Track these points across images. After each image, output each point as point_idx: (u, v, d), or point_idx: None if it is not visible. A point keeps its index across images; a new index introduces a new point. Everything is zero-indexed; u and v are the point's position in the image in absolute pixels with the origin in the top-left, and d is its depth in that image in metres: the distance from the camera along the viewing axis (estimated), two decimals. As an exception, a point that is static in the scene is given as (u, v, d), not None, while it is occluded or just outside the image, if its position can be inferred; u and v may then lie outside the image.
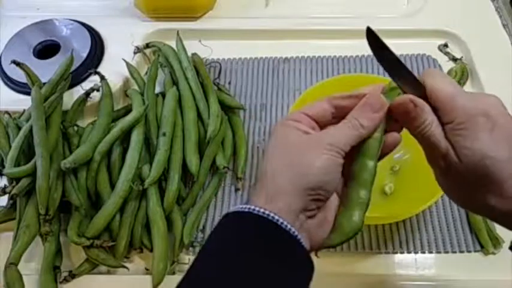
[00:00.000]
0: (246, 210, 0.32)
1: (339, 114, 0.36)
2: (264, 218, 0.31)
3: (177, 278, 0.52)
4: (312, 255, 0.34)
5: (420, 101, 0.34)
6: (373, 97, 0.35)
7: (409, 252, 0.54)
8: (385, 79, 0.64)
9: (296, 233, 0.32)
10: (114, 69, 0.69)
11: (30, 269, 0.53)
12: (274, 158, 0.34)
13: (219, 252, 0.32)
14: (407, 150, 0.59)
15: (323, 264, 0.54)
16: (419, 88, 0.35)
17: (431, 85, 0.34)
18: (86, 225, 0.53)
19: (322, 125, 0.36)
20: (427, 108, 0.34)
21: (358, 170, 0.35)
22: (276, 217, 0.31)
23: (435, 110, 0.34)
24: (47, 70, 0.64)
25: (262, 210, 0.31)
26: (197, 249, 0.55)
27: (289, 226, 0.31)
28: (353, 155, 0.35)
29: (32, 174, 0.53)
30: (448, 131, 0.33)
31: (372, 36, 0.35)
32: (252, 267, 0.31)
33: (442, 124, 0.34)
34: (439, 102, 0.33)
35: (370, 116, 0.34)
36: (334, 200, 0.36)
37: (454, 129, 0.33)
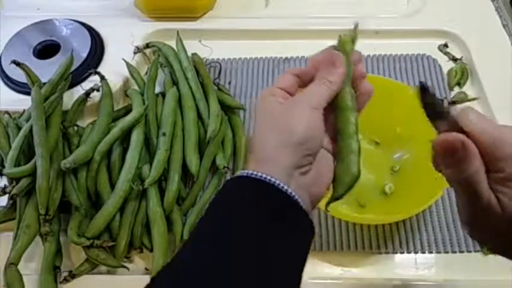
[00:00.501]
0: (236, 176, 0.33)
1: (304, 82, 0.38)
2: (257, 180, 0.32)
3: (177, 278, 0.53)
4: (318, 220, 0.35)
5: (471, 144, 0.31)
6: (332, 55, 0.37)
7: (409, 252, 0.54)
8: (385, 79, 0.64)
9: (290, 190, 0.32)
10: (114, 69, 0.69)
11: (30, 269, 0.53)
12: (260, 128, 0.35)
13: (215, 217, 0.32)
14: (407, 150, 0.59)
15: (323, 264, 0.54)
16: (460, 131, 0.32)
17: (473, 129, 0.31)
18: (86, 225, 0.53)
19: (292, 94, 0.38)
20: (477, 153, 0.31)
21: (341, 124, 0.37)
22: (269, 177, 0.32)
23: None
24: (47, 70, 0.64)
25: (255, 172, 0.32)
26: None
27: (281, 184, 0.32)
28: (335, 114, 0.38)
29: (32, 174, 0.53)
30: (493, 180, 0.31)
31: (423, 92, 0.35)
32: (246, 229, 0.31)
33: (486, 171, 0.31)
34: (484, 148, 0.31)
35: (334, 71, 0.36)
36: (325, 155, 0.37)
37: (502, 180, 0.30)
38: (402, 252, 0.54)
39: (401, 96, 0.58)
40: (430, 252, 0.54)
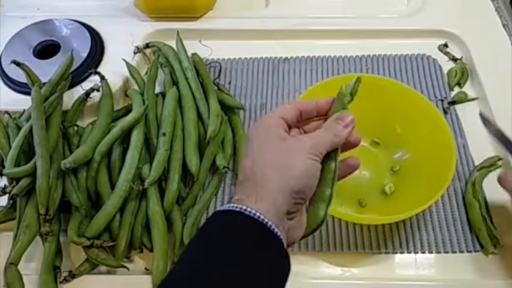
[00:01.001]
0: (238, 209, 0.33)
1: (303, 119, 0.40)
2: (254, 219, 0.33)
3: (177, 278, 0.53)
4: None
5: None
6: (345, 113, 0.39)
7: (409, 252, 0.54)
8: (385, 79, 0.64)
9: (279, 233, 0.34)
10: (114, 69, 0.69)
11: (30, 269, 0.53)
12: (262, 159, 0.36)
13: (207, 247, 0.33)
14: (407, 150, 0.59)
15: (323, 264, 0.54)
16: None
17: None
18: (86, 225, 0.53)
19: (291, 127, 0.40)
20: None
21: (322, 172, 0.38)
22: (266, 219, 0.33)
23: None
24: (47, 70, 0.64)
25: (253, 211, 0.33)
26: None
27: (273, 226, 0.33)
28: None
29: (32, 174, 0.53)
30: None
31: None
32: (237, 262, 0.32)
33: None
34: None
35: (342, 128, 0.38)
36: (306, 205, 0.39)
37: None
38: (402, 252, 0.54)
39: (402, 96, 0.58)
40: (430, 252, 0.54)
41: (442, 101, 0.67)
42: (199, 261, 0.32)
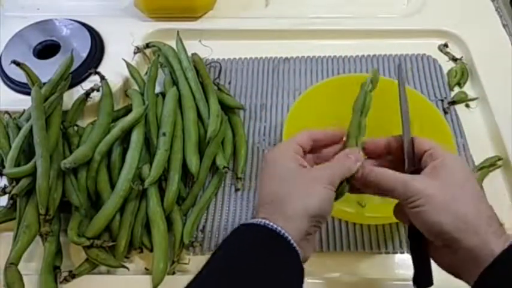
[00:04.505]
0: (263, 224, 0.38)
1: (315, 147, 0.45)
2: (281, 237, 0.37)
3: (177, 278, 0.53)
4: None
5: None
6: (354, 150, 0.43)
7: (409, 252, 0.54)
8: (385, 79, 0.64)
9: (299, 251, 0.38)
10: (114, 69, 0.69)
11: (30, 269, 0.53)
12: (285, 186, 0.40)
13: (234, 258, 0.37)
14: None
15: (323, 265, 0.54)
16: None
17: None
18: (86, 225, 0.53)
19: (305, 152, 0.44)
20: None
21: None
22: (289, 238, 0.37)
23: None
24: (47, 70, 0.64)
25: (283, 231, 0.37)
26: (197, 249, 0.55)
27: (294, 244, 0.37)
28: None
29: (32, 174, 0.53)
30: None
31: None
32: (263, 272, 0.36)
33: None
34: None
35: (353, 162, 0.42)
36: None
37: None
38: (402, 252, 0.54)
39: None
40: (430, 252, 0.54)
41: (442, 101, 0.67)
42: (224, 270, 0.36)
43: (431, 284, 0.40)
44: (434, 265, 0.41)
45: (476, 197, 0.38)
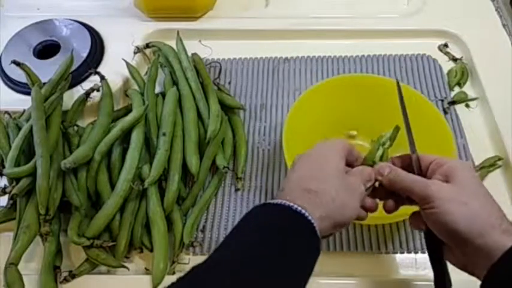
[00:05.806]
0: (302, 213, 0.39)
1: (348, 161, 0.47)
2: (311, 226, 0.39)
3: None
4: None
5: None
6: (366, 172, 0.45)
7: (409, 252, 0.54)
8: (385, 79, 0.64)
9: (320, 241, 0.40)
10: (114, 69, 0.69)
11: (30, 269, 0.53)
12: (328, 184, 0.41)
13: (257, 225, 0.39)
14: (407, 150, 0.59)
15: (323, 265, 0.54)
16: None
17: None
18: (86, 225, 0.53)
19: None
20: None
21: None
22: (318, 232, 0.39)
23: None
24: (47, 70, 0.64)
25: (315, 224, 0.39)
26: (197, 249, 0.55)
27: (318, 233, 0.39)
28: None
29: (32, 174, 0.53)
30: None
31: None
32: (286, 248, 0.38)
33: None
34: None
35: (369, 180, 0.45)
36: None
37: None
38: (402, 252, 0.54)
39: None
40: (430, 252, 0.54)
41: (442, 101, 0.67)
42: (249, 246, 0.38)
43: (451, 286, 0.42)
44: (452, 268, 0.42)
45: (487, 198, 0.40)
